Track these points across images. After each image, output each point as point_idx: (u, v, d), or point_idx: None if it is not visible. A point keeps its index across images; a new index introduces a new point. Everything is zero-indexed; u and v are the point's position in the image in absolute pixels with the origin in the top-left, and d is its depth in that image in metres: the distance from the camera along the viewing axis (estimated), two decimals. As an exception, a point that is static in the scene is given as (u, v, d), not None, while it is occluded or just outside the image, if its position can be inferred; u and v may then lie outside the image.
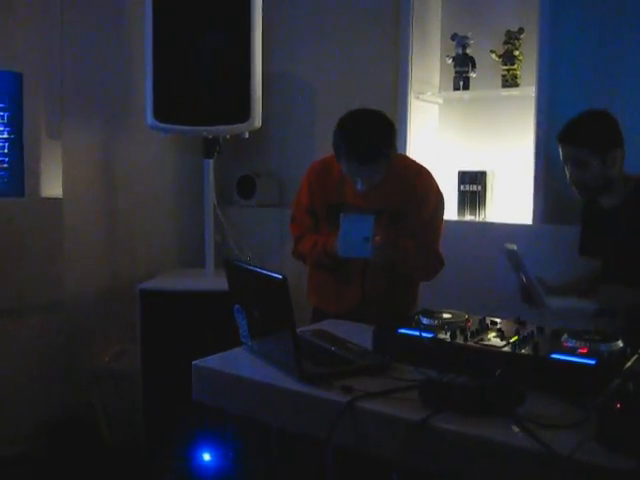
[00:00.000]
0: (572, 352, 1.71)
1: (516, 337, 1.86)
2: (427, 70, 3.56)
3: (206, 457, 3.37)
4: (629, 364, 1.66)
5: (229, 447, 3.33)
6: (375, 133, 2.41)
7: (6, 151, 3.31)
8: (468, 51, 3.43)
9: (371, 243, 2.32)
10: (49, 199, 3.46)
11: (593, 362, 1.64)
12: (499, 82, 3.37)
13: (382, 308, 2.57)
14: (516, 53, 3.30)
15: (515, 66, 3.31)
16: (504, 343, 1.82)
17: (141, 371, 3.40)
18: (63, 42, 3.44)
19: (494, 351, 1.78)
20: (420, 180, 2.61)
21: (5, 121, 3.33)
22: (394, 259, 2.49)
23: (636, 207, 2.39)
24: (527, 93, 3.21)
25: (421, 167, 2.68)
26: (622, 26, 2.99)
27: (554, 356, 1.70)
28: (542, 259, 3.04)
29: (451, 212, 3.38)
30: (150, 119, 3.36)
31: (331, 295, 2.68)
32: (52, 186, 3.47)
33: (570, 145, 2.39)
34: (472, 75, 3.44)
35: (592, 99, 2.96)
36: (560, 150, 2.43)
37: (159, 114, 3.34)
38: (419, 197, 2.57)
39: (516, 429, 1.46)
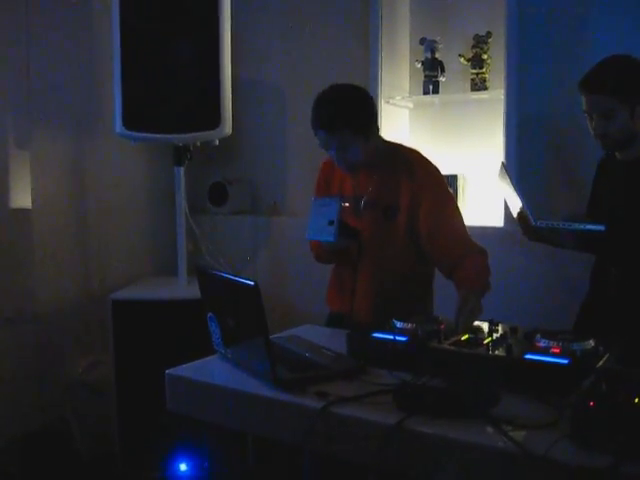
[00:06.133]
0: (545, 352, 1.72)
1: (490, 338, 1.87)
2: (397, 74, 3.57)
3: (182, 467, 3.34)
4: (601, 362, 1.67)
5: (205, 457, 3.32)
6: (340, 100, 2.32)
7: (-27, 162, 3.27)
8: (437, 55, 3.44)
9: (336, 227, 2.24)
10: (18, 210, 3.41)
11: (566, 362, 1.65)
12: (468, 86, 3.39)
13: (372, 312, 2.44)
14: (484, 57, 3.32)
15: (484, 70, 3.33)
16: (478, 345, 1.83)
17: (115, 382, 3.37)
18: (30, 51, 3.40)
19: (468, 353, 1.79)
20: (416, 170, 2.42)
21: (-28, 132, 3.29)
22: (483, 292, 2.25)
23: None
24: (496, 96, 3.23)
25: (415, 153, 2.52)
26: (588, 28, 3.03)
27: (528, 357, 1.71)
28: (513, 261, 3.07)
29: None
30: (119, 127, 3.33)
31: (334, 294, 2.61)
32: (21, 197, 3.43)
33: (596, 94, 2.22)
34: (441, 79, 3.46)
35: (560, 100, 2.99)
36: (584, 100, 2.26)
37: (128, 122, 3.32)
38: (419, 188, 2.39)
39: (490, 430, 1.46)
